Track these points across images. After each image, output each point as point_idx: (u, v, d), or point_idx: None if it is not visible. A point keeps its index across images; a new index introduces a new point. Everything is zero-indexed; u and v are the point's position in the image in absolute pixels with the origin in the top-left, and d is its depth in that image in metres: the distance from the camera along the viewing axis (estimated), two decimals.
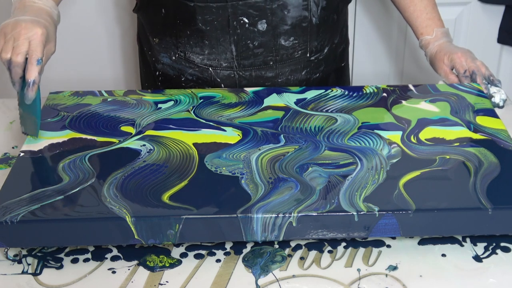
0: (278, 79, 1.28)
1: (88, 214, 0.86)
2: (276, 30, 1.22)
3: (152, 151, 0.99)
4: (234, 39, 1.22)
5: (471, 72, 1.23)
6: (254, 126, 1.06)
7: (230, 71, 1.26)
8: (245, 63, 1.25)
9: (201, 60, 1.25)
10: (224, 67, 1.25)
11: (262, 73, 1.26)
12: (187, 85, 1.30)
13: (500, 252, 0.91)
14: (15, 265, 0.89)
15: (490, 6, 1.84)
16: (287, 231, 0.87)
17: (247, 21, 1.20)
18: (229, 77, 1.27)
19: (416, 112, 1.11)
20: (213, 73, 1.26)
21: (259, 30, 1.21)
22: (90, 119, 1.09)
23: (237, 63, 1.25)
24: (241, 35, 1.22)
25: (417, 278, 0.87)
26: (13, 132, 1.19)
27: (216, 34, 1.21)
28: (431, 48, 1.30)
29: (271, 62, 1.25)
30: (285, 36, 1.23)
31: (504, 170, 0.95)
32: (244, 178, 0.93)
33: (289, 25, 1.22)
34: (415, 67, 1.91)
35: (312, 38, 1.26)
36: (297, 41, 1.25)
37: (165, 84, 1.32)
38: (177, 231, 0.86)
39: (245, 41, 1.22)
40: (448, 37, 1.31)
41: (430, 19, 1.31)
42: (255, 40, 1.22)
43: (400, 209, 0.86)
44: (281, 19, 1.21)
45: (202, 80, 1.28)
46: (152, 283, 0.86)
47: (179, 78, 1.29)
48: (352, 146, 1.01)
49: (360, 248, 0.92)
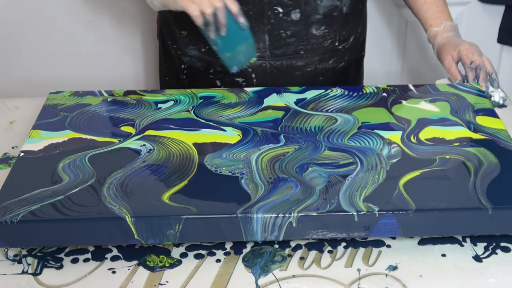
0: (307, 68, 1.30)
1: (88, 214, 0.86)
2: (308, 20, 1.24)
3: (152, 151, 0.99)
4: (268, 29, 1.24)
5: (476, 66, 1.23)
6: (254, 126, 1.06)
7: (262, 61, 1.27)
8: (277, 52, 1.26)
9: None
10: (256, 57, 1.26)
11: (293, 62, 1.28)
12: (215, 76, 1.30)
13: (500, 252, 0.91)
14: (15, 265, 0.89)
15: (490, 6, 1.84)
16: (287, 231, 0.87)
17: (281, 10, 1.22)
18: (260, 67, 1.28)
19: (416, 112, 1.11)
20: None
21: (292, 19, 1.23)
22: (90, 119, 1.09)
23: (269, 53, 1.26)
24: (275, 25, 1.23)
25: (417, 278, 0.87)
26: (13, 132, 1.19)
27: (251, 24, 1.23)
28: (439, 40, 1.31)
29: (302, 51, 1.27)
30: (316, 25, 1.25)
31: (504, 170, 0.95)
32: (244, 178, 0.93)
33: (321, 14, 1.24)
34: (423, 65, 1.92)
35: (341, 27, 1.29)
36: (327, 30, 1.27)
37: (191, 77, 1.33)
38: (177, 231, 0.86)
39: (278, 31, 1.24)
40: (456, 31, 1.32)
41: (440, 12, 1.33)
42: (288, 29, 1.24)
43: (400, 209, 0.86)
44: (314, 9, 1.23)
45: None
46: (152, 283, 0.86)
47: (208, 70, 1.30)
48: (352, 146, 1.01)
49: (360, 248, 0.92)
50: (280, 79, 1.29)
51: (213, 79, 1.31)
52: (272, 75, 1.29)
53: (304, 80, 1.30)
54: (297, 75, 1.30)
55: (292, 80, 1.30)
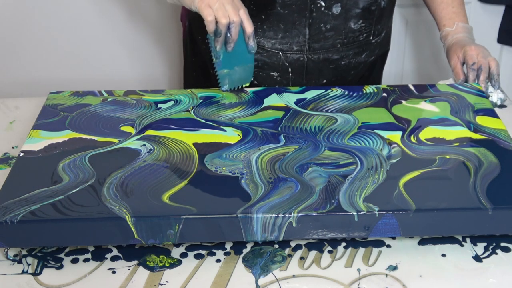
0: (342, 62, 1.31)
1: (88, 214, 0.86)
2: (348, 14, 1.25)
3: (152, 151, 0.99)
4: (309, 22, 1.24)
5: (479, 67, 1.24)
6: (254, 126, 1.06)
7: (300, 55, 1.28)
8: (315, 46, 1.27)
9: (272, 44, 1.27)
10: (295, 50, 1.27)
11: (329, 55, 1.29)
12: None
13: (500, 252, 0.91)
14: (15, 265, 0.89)
15: (490, 6, 1.84)
16: (287, 231, 0.87)
17: (323, 4, 1.22)
18: (298, 61, 1.29)
19: (416, 112, 1.11)
20: (282, 58, 1.28)
21: (333, 13, 1.24)
22: (90, 119, 1.09)
23: (308, 46, 1.27)
24: (316, 18, 1.24)
25: (417, 278, 0.87)
26: (13, 132, 1.19)
27: (293, 17, 1.23)
28: (449, 40, 1.32)
29: (339, 45, 1.28)
30: (355, 19, 1.26)
31: (504, 170, 0.95)
32: (244, 178, 0.93)
33: (361, 8, 1.25)
34: (423, 65, 1.92)
35: (377, 22, 1.30)
36: (364, 24, 1.28)
37: None
38: (177, 231, 0.86)
39: (319, 24, 1.25)
40: (468, 33, 1.33)
41: (455, 13, 1.34)
42: (327, 23, 1.25)
43: (400, 209, 0.86)
44: (354, 3, 1.24)
45: (268, 65, 1.30)
46: (152, 283, 0.86)
47: None
48: (352, 146, 1.01)
49: (360, 248, 0.92)
50: (315, 72, 1.30)
51: None
52: (308, 69, 1.30)
53: (338, 73, 1.32)
54: (332, 68, 1.31)
55: (327, 74, 1.31)
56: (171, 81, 1.93)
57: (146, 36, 1.84)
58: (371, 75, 1.40)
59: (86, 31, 1.81)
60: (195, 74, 1.44)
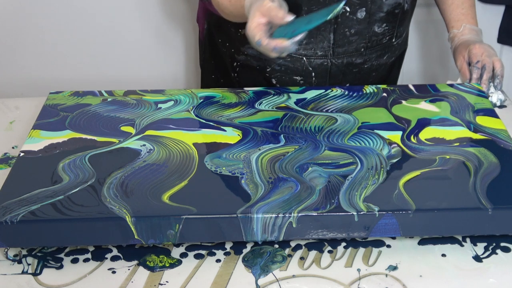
0: (365, 65, 1.31)
1: (88, 214, 0.86)
2: (372, 18, 1.25)
3: (152, 151, 0.99)
4: (334, 28, 1.24)
5: (482, 66, 1.24)
6: (254, 126, 1.06)
7: (324, 60, 1.28)
8: (339, 50, 1.27)
9: (296, 50, 1.27)
10: (319, 56, 1.27)
11: (353, 59, 1.29)
12: (271, 75, 1.31)
13: (500, 252, 0.91)
14: (15, 265, 0.89)
15: (490, 6, 1.83)
16: (287, 231, 0.87)
17: (348, 9, 1.23)
18: (321, 65, 1.29)
19: (416, 112, 1.11)
20: (306, 63, 1.28)
21: (358, 18, 1.24)
22: (90, 119, 1.09)
23: (332, 51, 1.27)
24: (341, 24, 1.24)
25: (417, 278, 0.87)
26: (13, 132, 1.19)
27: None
28: (455, 42, 1.33)
29: (362, 48, 1.28)
30: (379, 23, 1.26)
31: (504, 170, 0.95)
32: (244, 178, 0.93)
33: (385, 12, 1.25)
34: (423, 65, 1.92)
35: (400, 24, 1.30)
36: (387, 27, 1.28)
37: (244, 74, 1.35)
38: (177, 231, 0.86)
39: (343, 29, 1.25)
40: (476, 35, 1.33)
41: (464, 14, 1.34)
42: (352, 27, 1.25)
43: (400, 209, 0.86)
44: (379, 7, 1.24)
45: (291, 69, 1.30)
46: (152, 283, 0.86)
47: (264, 69, 1.31)
48: (352, 146, 1.01)
49: (360, 248, 0.92)
50: (338, 76, 1.31)
51: (268, 77, 1.32)
52: (331, 73, 1.30)
53: (361, 76, 1.32)
54: (355, 71, 1.31)
55: (350, 77, 1.31)
56: (172, 81, 1.93)
57: (146, 36, 1.84)
58: (389, 75, 1.41)
59: (86, 31, 1.81)
60: (214, 77, 1.44)
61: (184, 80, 1.93)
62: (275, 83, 1.31)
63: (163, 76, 1.93)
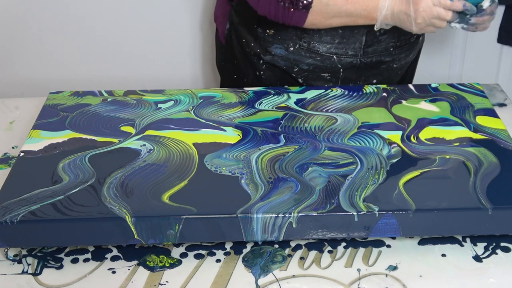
0: (394, 64, 1.32)
1: (88, 214, 0.86)
2: None
3: (152, 151, 0.99)
4: (367, 30, 1.25)
5: None
6: (254, 126, 1.06)
7: (353, 58, 1.29)
8: (369, 50, 1.28)
9: (327, 49, 1.28)
10: (350, 55, 1.28)
11: (382, 58, 1.30)
12: (298, 75, 1.31)
13: (500, 252, 0.91)
14: (15, 265, 0.89)
15: None
16: (287, 231, 0.87)
17: None
18: (351, 64, 1.30)
19: (416, 112, 1.11)
20: (336, 61, 1.29)
21: None
22: (90, 119, 1.09)
23: (362, 52, 1.28)
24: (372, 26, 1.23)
25: (417, 278, 0.87)
26: (13, 132, 1.19)
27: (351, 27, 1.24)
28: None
29: (392, 48, 1.29)
30: None
31: (504, 170, 0.95)
32: (244, 178, 0.93)
33: None
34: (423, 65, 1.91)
35: None
36: None
37: (269, 73, 1.34)
38: (177, 231, 0.86)
39: (374, 30, 1.25)
40: None
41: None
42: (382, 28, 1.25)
43: (400, 209, 0.86)
44: None
45: (319, 68, 1.30)
46: (152, 283, 0.86)
47: (292, 68, 1.31)
48: (352, 146, 1.01)
49: (360, 248, 0.92)
50: (365, 72, 1.31)
51: (295, 77, 1.32)
52: (359, 69, 1.31)
53: (389, 74, 1.33)
54: (383, 68, 1.32)
55: (378, 74, 1.32)
56: (172, 81, 1.93)
57: (146, 36, 1.84)
58: (408, 72, 1.42)
59: (86, 31, 1.81)
60: (236, 77, 1.43)
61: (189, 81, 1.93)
62: (301, 82, 1.32)
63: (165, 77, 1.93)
